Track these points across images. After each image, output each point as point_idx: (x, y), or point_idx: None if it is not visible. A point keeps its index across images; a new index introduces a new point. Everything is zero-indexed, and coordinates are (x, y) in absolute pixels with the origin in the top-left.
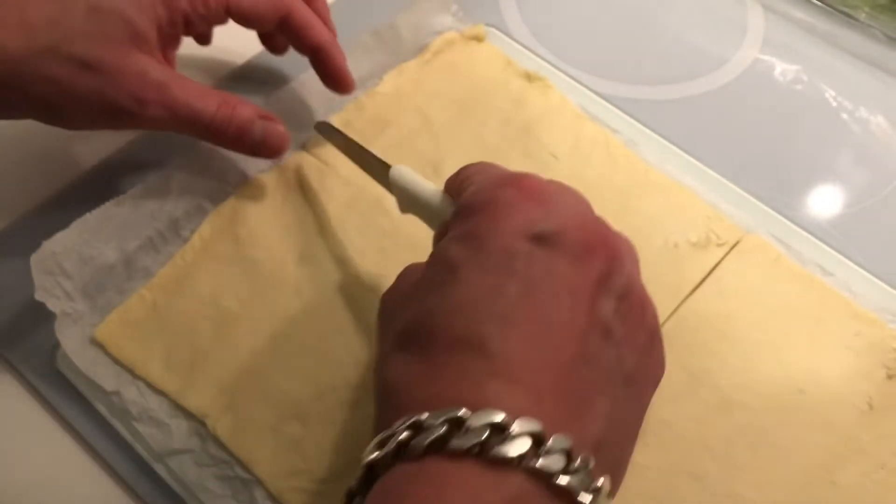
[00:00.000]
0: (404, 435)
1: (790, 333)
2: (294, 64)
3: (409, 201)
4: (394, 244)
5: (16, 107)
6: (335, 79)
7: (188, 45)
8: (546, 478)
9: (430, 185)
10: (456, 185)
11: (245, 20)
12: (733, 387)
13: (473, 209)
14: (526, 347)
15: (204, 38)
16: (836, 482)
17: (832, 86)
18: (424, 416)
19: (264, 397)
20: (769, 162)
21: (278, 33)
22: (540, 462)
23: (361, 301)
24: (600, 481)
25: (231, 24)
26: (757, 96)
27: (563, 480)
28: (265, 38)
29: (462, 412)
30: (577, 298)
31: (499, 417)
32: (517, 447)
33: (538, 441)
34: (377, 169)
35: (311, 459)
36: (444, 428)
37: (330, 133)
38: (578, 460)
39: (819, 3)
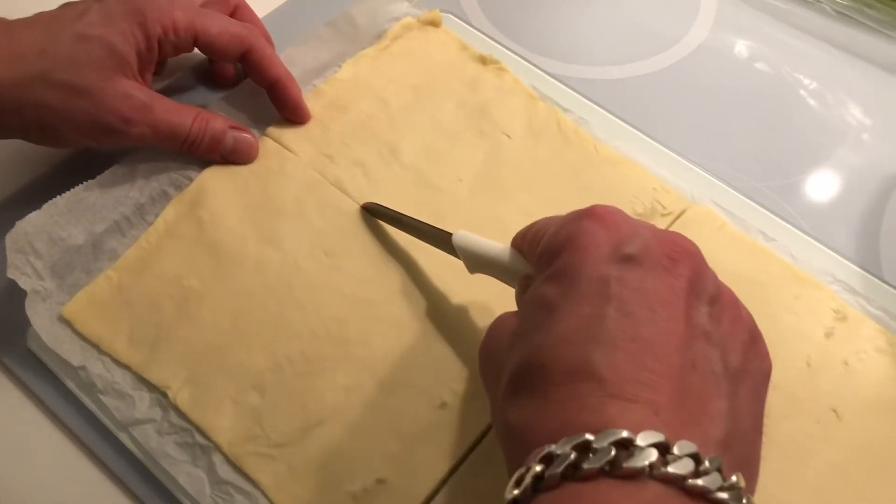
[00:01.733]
0: (538, 469)
1: None
2: None
3: (478, 263)
4: (351, 223)
5: (9, 129)
6: (292, 110)
7: None
8: (679, 482)
9: (496, 245)
10: (527, 239)
11: (210, 51)
12: None
13: (556, 249)
14: (635, 366)
15: (159, 68)
16: (773, 438)
17: (783, 61)
18: (552, 447)
19: (224, 369)
20: (718, 136)
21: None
22: (670, 468)
23: (320, 278)
24: (733, 478)
25: None
26: (707, 73)
27: (697, 482)
28: (217, 66)
29: (587, 436)
30: (673, 309)
31: (622, 434)
32: (645, 458)
33: (664, 450)
34: (437, 237)
35: (267, 426)
36: (574, 455)
37: (378, 212)
38: (707, 461)
39: None
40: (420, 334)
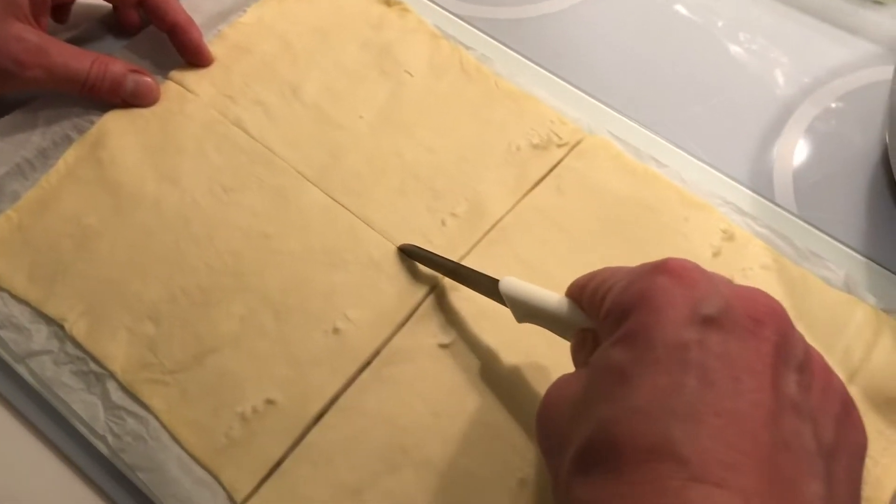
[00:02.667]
0: None
1: (622, 221)
2: None
3: (528, 312)
4: (249, 160)
5: None
6: (192, 53)
7: None
8: None
9: (549, 294)
10: (588, 291)
11: None
12: (562, 271)
13: (626, 308)
14: (720, 444)
15: (62, 16)
16: None
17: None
18: None
19: (120, 302)
20: (616, 70)
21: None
22: None
23: (217, 213)
24: None
25: None
26: (607, 12)
27: None
28: (120, 13)
29: None
30: (759, 379)
31: None
32: None
33: None
34: (481, 283)
35: (161, 354)
36: None
37: (416, 254)
38: None
39: None
40: (314, 265)
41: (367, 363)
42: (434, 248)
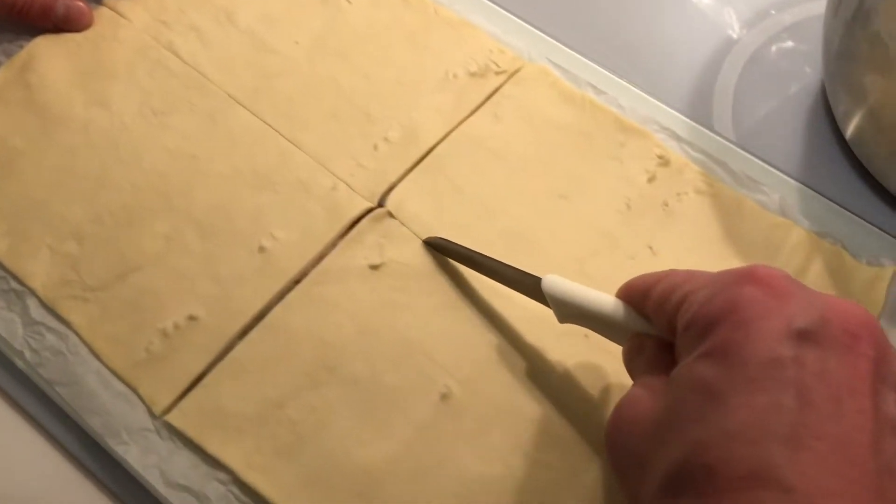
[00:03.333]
0: None
1: (558, 148)
2: None
3: (573, 313)
4: (181, 84)
5: None
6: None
7: None
8: None
9: (600, 295)
10: (654, 298)
11: None
12: (497, 197)
13: (712, 321)
14: (822, 471)
15: None
16: (587, 271)
17: None
18: None
19: (44, 221)
20: None
21: None
22: None
23: (145, 135)
24: None
25: None
26: None
27: None
28: None
29: None
30: (860, 399)
31: None
32: None
33: None
34: (520, 281)
35: (83, 272)
36: None
37: (445, 248)
38: None
39: None
40: (241, 186)
41: (296, 282)
42: (365, 172)
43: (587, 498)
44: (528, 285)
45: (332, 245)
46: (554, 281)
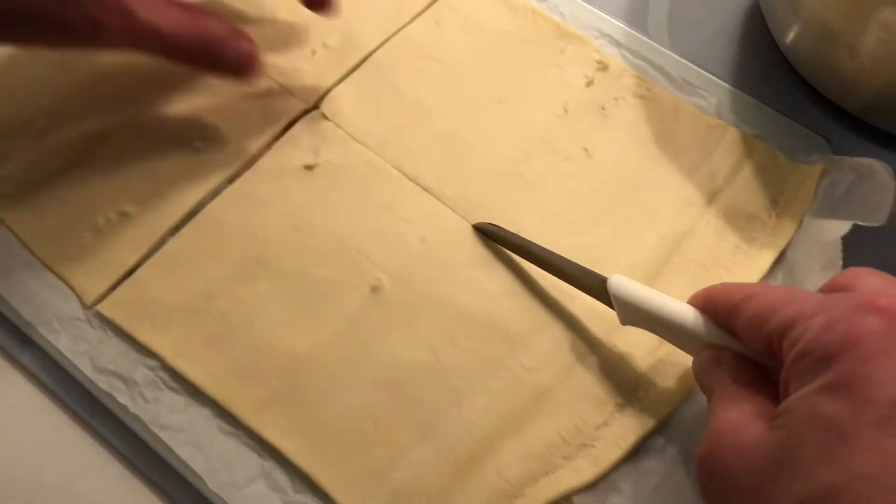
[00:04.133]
0: None
1: (499, 55)
2: None
3: (640, 317)
4: None
5: None
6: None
7: None
8: None
9: (669, 301)
10: (748, 316)
11: None
12: (435, 102)
13: (832, 351)
14: None
15: None
16: (523, 174)
17: None
18: None
19: None
20: None
21: None
22: None
23: None
24: None
25: None
26: None
27: None
28: None
29: None
30: None
31: None
32: None
33: None
34: (582, 278)
35: (13, 168)
36: None
37: (497, 235)
38: None
39: None
40: (177, 86)
41: (230, 181)
42: (302, 76)
43: (510, 381)
44: (591, 284)
45: (268, 146)
46: (620, 282)
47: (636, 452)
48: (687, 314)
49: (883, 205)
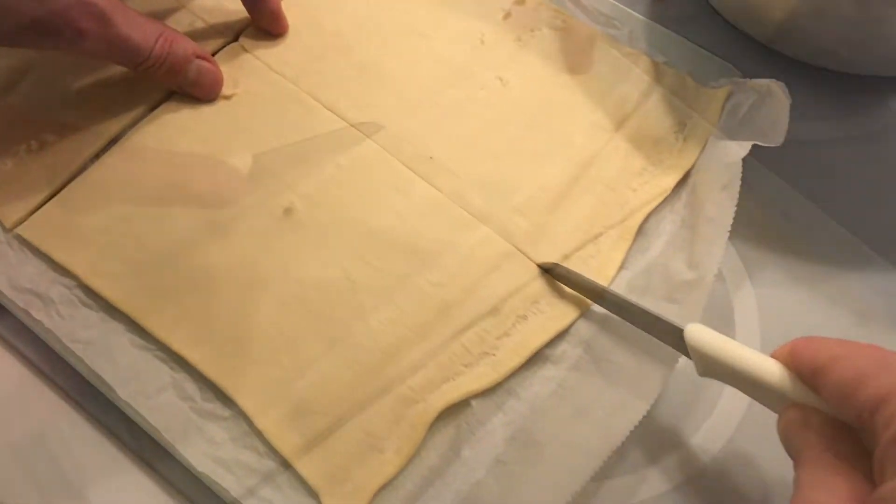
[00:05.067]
0: None
1: None
2: None
3: (720, 370)
4: None
5: None
6: (270, 19)
7: None
8: None
9: (751, 355)
10: (836, 380)
11: None
12: (354, 33)
13: None
14: None
15: None
16: (437, 103)
17: None
18: None
19: None
20: None
21: None
22: None
23: None
24: None
25: None
26: None
27: None
28: None
29: None
30: None
31: None
32: None
33: None
34: (657, 326)
35: None
36: None
37: (565, 277)
38: None
39: None
40: None
41: (151, 110)
42: (222, 12)
43: (417, 296)
44: (667, 333)
45: None
46: (699, 332)
47: (535, 360)
48: (771, 370)
49: (780, 124)
